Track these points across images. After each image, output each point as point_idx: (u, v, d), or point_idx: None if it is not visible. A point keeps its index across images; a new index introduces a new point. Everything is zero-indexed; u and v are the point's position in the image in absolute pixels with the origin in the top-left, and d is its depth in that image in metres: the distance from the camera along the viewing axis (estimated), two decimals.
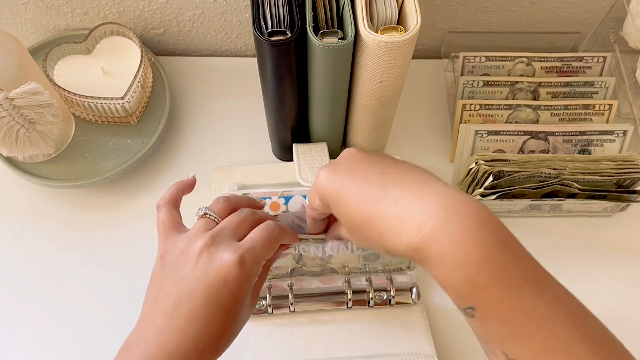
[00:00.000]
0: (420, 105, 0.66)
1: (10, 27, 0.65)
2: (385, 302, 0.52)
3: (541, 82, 0.62)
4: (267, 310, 0.51)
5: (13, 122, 0.50)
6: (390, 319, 0.52)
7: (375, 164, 0.36)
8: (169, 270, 0.37)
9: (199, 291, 0.35)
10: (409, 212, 0.32)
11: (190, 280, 0.35)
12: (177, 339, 0.34)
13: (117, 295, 0.54)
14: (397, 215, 0.32)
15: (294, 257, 0.49)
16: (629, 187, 0.55)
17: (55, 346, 0.52)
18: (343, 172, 0.36)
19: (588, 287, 0.56)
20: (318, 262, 0.50)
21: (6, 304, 0.54)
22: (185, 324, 0.34)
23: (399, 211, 0.32)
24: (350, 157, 0.37)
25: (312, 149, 0.56)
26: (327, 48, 0.43)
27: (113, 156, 0.59)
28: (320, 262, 0.50)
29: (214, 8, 0.63)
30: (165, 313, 0.35)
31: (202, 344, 0.34)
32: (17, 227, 0.58)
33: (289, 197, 0.47)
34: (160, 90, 0.63)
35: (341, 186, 0.36)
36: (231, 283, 0.35)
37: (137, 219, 0.58)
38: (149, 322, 0.36)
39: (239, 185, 0.56)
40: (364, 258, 0.49)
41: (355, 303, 0.51)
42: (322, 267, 0.50)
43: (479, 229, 0.30)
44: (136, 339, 0.36)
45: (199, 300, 0.35)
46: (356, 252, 0.48)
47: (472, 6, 0.65)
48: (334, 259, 0.50)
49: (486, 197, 0.54)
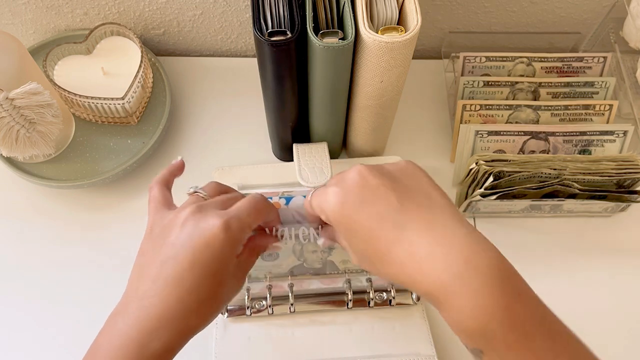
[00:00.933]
0: (420, 105, 0.66)
1: (10, 27, 0.65)
2: (385, 302, 0.52)
3: (541, 82, 0.61)
4: (267, 311, 0.51)
5: (13, 122, 0.50)
6: (390, 319, 0.52)
7: (391, 194, 0.34)
8: (155, 239, 0.37)
9: (182, 254, 0.34)
10: (425, 258, 0.32)
11: (175, 245, 0.35)
12: (160, 303, 0.34)
13: (117, 295, 0.54)
14: (413, 260, 0.32)
15: (294, 252, 0.49)
16: (629, 187, 0.55)
17: (55, 346, 0.52)
18: (356, 203, 0.35)
19: (588, 287, 0.56)
20: (319, 256, 0.50)
21: (6, 304, 0.54)
22: (169, 287, 0.34)
23: (415, 257, 0.32)
24: (363, 182, 0.35)
25: (312, 149, 0.56)
26: (327, 48, 0.43)
27: (113, 156, 0.59)
28: (321, 256, 0.50)
29: (214, 8, 0.63)
30: (150, 278, 0.35)
31: (186, 308, 0.34)
32: (17, 227, 0.58)
33: (290, 198, 0.47)
34: (160, 90, 0.63)
35: (353, 220, 0.35)
36: (215, 247, 0.35)
37: (137, 219, 0.58)
38: (134, 288, 0.35)
39: (239, 185, 0.56)
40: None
41: (355, 303, 0.51)
42: (322, 262, 0.50)
43: (496, 280, 0.31)
44: (122, 306, 0.36)
45: (182, 264, 0.34)
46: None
47: (472, 6, 0.65)
48: (335, 252, 0.49)
49: (486, 197, 0.54)
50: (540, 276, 0.56)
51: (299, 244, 0.48)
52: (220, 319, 0.51)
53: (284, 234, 0.44)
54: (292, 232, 0.44)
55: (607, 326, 0.54)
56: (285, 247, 0.48)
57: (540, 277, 0.56)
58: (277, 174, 0.58)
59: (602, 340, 0.53)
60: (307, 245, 0.48)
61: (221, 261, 0.35)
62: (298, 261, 0.50)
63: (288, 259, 0.50)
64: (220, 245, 0.35)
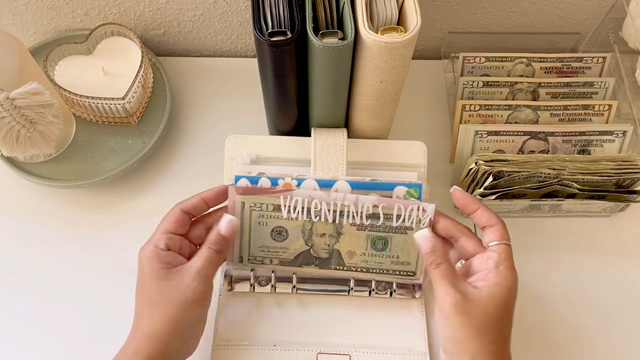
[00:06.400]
0: (419, 105, 0.66)
1: (11, 27, 0.65)
2: (385, 292, 0.52)
3: (540, 82, 0.62)
4: (270, 289, 0.52)
5: (14, 122, 0.50)
6: (389, 310, 0.52)
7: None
8: None
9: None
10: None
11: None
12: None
13: (116, 295, 0.54)
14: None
15: (303, 232, 0.49)
16: (628, 187, 0.55)
17: (54, 345, 0.52)
18: (509, 310, 0.42)
19: (587, 287, 0.56)
20: (327, 242, 0.50)
21: (6, 304, 0.54)
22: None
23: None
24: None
25: (330, 147, 0.54)
26: (326, 48, 0.43)
27: (113, 156, 0.59)
28: (329, 241, 0.50)
29: (214, 8, 0.64)
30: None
31: (136, 315, 0.44)
32: (17, 226, 0.58)
33: (302, 180, 0.48)
34: (160, 90, 0.63)
35: (501, 317, 0.41)
36: (139, 266, 0.44)
37: (137, 219, 0.58)
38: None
39: (252, 158, 0.54)
40: (371, 243, 0.49)
41: (356, 288, 0.52)
42: (329, 251, 0.50)
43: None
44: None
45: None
46: (365, 224, 0.48)
47: (472, 7, 0.65)
48: (342, 240, 0.50)
49: (486, 197, 0.54)
50: (539, 276, 0.56)
51: (310, 222, 0.48)
52: (223, 293, 0.53)
53: (297, 203, 0.46)
54: (305, 203, 0.46)
55: (607, 326, 0.54)
56: (295, 225, 0.48)
57: (540, 277, 0.56)
58: (292, 148, 0.55)
59: (602, 340, 0.54)
60: (317, 224, 0.49)
61: (142, 272, 0.44)
62: (306, 246, 0.50)
63: (296, 242, 0.50)
64: (138, 263, 0.44)
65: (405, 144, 0.54)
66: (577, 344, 0.53)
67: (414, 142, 0.54)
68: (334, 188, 0.49)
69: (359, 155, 0.54)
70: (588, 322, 0.54)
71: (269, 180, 0.49)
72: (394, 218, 0.47)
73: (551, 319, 0.54)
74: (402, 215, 0.47)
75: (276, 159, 0.54)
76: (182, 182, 0.60)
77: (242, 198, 0.47)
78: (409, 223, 0.48)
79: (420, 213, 0.47)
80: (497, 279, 0.42)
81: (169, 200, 0.61)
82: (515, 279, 0.42)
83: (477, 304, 0.41)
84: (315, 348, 0.51)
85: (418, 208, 0.47)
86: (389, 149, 0.54)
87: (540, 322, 0.54)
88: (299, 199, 0.47)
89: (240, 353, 0.50)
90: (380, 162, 0.54)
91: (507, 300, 0.41)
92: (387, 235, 0.49)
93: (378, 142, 0.55)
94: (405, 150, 0.54)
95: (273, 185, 0.49)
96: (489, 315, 0.41)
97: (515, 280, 0.42)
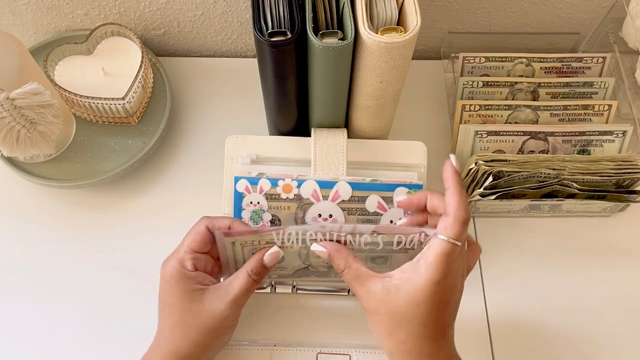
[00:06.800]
0: (419, 105, 0.66)
1: (11, 28, 0.65)
2: None
3: (540, 82, 0.62)
4: (270, 289, 0.53)
5: (14, 122, 0.50)
6: None
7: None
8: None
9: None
10: None
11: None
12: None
13: (116, 295, 0.54)
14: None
15: (300, 255, 0.48)
16: (628, 187, 0.55)
17: (54, 345, 0.52)
18: (459, 279, 0.40)
19: (587, 287, 0.56)
20: (324, 261, 0.49)
21: (6, 304, 0.54)
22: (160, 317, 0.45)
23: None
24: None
25: (330, 147, 0.53)
26: (326, 48, 0.43)
27: (113, 156, 0.59)
28: (327, 261, 0.49)
29: (214, 9, 0.64)
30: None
31: (159, 334, 0.45)
32: (17, 226, 0.58)
33: (302, 181, 0.48)
34: (160, 90, 0.63)
35: (453, 285, 0.39)
36: (160, 282, 0.45)
37: (137, 219, 0.58)
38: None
39: (252, 158, 0.54)
40: (370, 260, 0.49)
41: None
42: (327, 266, 0.50)
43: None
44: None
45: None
46: (364, 249, 0.47)
47: (472, 7, 0.65)
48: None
49: (485, 197, 0.54)
50: (539, 276, 0.56)
51: (305, 248, 0.46)
52: None
53: (290, 236, 0.44)
54: (299, 235, 0.44)
55: (606, 325, 0.54)
56: (291, 252, 0.47)
57: (540, 276, 0.56)
58: (292, 148, 0.55)
59: (601, 340, 0.54)
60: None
61: (169, 291, 0.44)
62: (303, 265, 0.50)
63: (294, 262, 0.49)
64: (161, 279, 0.44)
65: (405, 144, 0.54)
66: (577, 344, 0.53)
67: (414, 142, 0.54)
68: (333, 193, 0.49)
69: (359, 155, 0.54)
70: (588, 322, 0.54)
71: (269, 181, 0.49)
72: (394, 243, 0.45)
73: (551, 319, 0.54)
74: (403, 242, 0.45)
75: (276, 159, 0.54)
76: (182, 182, 0.60)
77: (232, 239, 0.45)
78: (409, 246, 0.45)
79: (423, 237, 0.44)
80: (411, 274, 0.38)
81: (169, 200, 0.61)
82: (435, 278, 0.37)
83: (386, 302, 0.39)
84: (315, 348, 0.51)
85: (420, 234, 0.44)
86: (389, 149, 0.54)
87: (540, 322, 0.54)
88: (292, 232, 0.44)
89: (240, 353, 0.50)
90: (380, 162, 0.54)
91: (420, 299, 0.38)
92: (387, 255, 0.47)
93: (378, 142, 0.55)
94: (405, 150, 0.54)
95: (273, 186, 0.49)
96: (397, 313, 0.38)
97: (433, 279, 0.37)
